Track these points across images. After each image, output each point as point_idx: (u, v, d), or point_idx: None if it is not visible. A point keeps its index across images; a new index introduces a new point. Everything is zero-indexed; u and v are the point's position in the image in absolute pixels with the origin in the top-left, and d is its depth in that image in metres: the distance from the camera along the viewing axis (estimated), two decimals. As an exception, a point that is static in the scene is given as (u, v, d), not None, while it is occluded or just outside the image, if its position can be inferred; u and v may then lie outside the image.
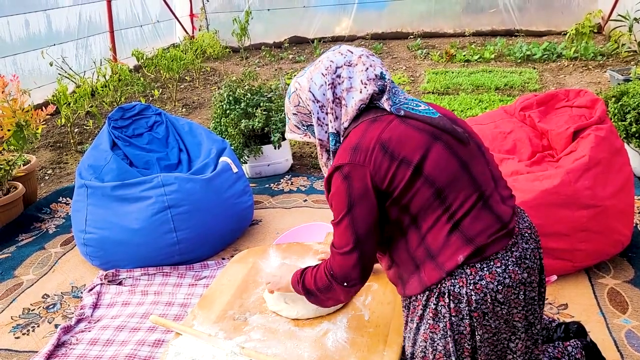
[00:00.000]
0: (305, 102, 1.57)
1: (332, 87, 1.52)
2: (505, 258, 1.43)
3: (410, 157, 1.41)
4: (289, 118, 1.68)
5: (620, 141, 2.71)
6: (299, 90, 1.59)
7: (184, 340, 1.87)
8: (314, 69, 1.57)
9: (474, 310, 1.41)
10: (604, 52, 6.80)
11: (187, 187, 3.01)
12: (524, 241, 1.49)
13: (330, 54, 1.57)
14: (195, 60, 7.51)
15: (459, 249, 1.41)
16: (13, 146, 3.76)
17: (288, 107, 1.66)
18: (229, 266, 2.32)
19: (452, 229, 1.42)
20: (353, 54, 1.55)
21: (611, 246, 2.59)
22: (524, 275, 1.45)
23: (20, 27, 6.18)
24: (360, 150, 1.43)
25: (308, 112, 1.59)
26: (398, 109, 1.47)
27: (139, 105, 3.75)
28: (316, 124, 1.57)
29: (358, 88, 1.50)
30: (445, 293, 1.43)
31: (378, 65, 1.54)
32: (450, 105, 5.43)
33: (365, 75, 1.50)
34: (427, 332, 1.49)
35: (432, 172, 1.41)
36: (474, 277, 1.41)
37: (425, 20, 9.23)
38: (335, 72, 1.52)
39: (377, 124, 1.46)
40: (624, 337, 2.21)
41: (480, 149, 1.53)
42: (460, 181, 1.43)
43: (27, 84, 5.53)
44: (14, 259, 3.30)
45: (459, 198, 1.42)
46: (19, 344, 2.55)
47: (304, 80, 1.57)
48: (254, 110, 4.03)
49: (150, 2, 8.77)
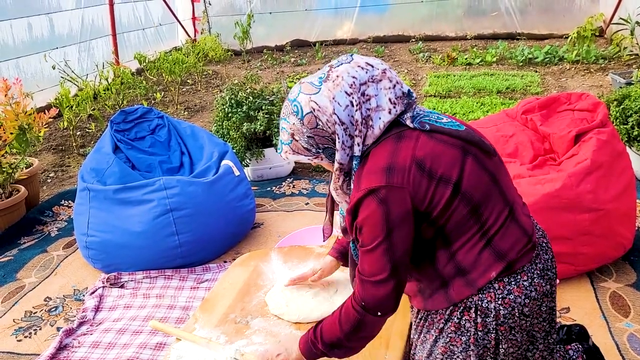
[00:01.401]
0: (327, 124, 1.38)
1: (359, 108, 1.36)
2: (530, 271, 1.41)
3: (448, 174, 1.32)
4: (296, 139, 1.44)
5: (622, 144, 2.71)
6: (317, 111, 1.38)
7: (186, 343, 1.87)
8: (333, 86, 1.37)
9: (501, 325, 1.39)
10: (605, 56, 6.80)
11: (189, 190, 3.01)
12: (544, 252, 1.47)
13: (348, 68, 1.39)
14: (197, 63, 7.52)
15: (491, 265, 1.37)
16: (16, 149, 3.77)
17: (298, 128, 1.42)
18: (231, 269, 2.32)
19: (485, 246, 1.37)
20: (374, 67, 1.39)
21: (613, 249, 2.59)
22: (547, 287, 1.43)
23: (23, 31, 6.21)
24: (396, 170, 1.32)
25: (328, 135, 1.40)
26: (422, 123, 1.37)
27: (141, 109, 3.76)
28: (340, 147, 1.39)
29: (386, 108, 1.36)
30: (471, 307, 1.40)
31: (402, 82, 1.42)
32: (452, 108, 5.43)
33: (393, 93, 1.37)
34: (447, 345, 1.47)
35: (468, 188, 1.34)
36: (502, 291, 1.38)
37: (426, 23, 9.24)
38: (360, 90, 1.36)
39: (406, 142, 1.35)
40: (626, 341, 2.21)
41: (501, 160, 1.48)
42: (493, 196, 1.37)
43: (29, 87, 5.55)
44: (16, 262, 3.31)
45: (493, 214, 1.37)
46: (21, 346, 2.55)
47: (324, 99, 1.37)
48: (256, 114, 4.03)
49: (153, 5, 8.80)
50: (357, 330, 1.42)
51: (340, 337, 1.44)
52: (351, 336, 1.43)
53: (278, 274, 2.20)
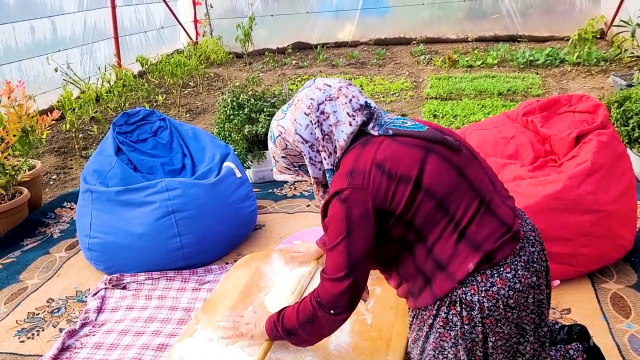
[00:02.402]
0: (294, 144, 1.56)
1: (319, 125, 1.51)
2: (514, 263, 1.43)
3: (407, 173, 1.40)
4: (277, 161, 1.66)
5: (622, 146, 2.71)
6: (284, 134, 1.56)
7: (187, 344, 1.88)
8: (294, 109, 1.55)
9: (487, 317, 1.42)
10: (606, 58, 6.81)
11: (191, 192, 3.02)
12: (530, 244, 1.50)
13: (307, 91, 1.55)
14: (199, 66, 7.55)
15: (467, 257, 1.41)
16: (18, 151, 3.79)
17: (274, 150, 1.63)
18: (233, 271, 2.34)
19: (459, 238, 1.42)
20: (331, 87, 1.54)
21: (614, 251, 2.60)
22: (533, 279, 1.45)
23: (25, 34, 6.23)
24: (357, 173, 1.42)
25: (298, 154, 1.58)
26: (386, 130, 1.47)
27: (143, 111, 3.78)
28: (309, 163, 1.56)
29: (346, 121, 1.49)
30: (456, 301, 1.43)
31: (360, 95, 1.53)
32: (453, 110, 5.44)
33: (350, 107, 1.50)
34: (437, 340, 1.49)
35: (431, 184, 1.40)
36: (485, 283, 1.41)
37: (428, 25, 9.27)
38: (318, 109, 1.51)
39: (369, 147, 1.46)
40: (627, 342, 2.21)
41: (473, 154, 1.54)
42: (459, 189, 1.43)
43: (32, 89, 5.57)
44: (19, 264, 3.32)
45: (461, 206, 1.42)
46: (24, 347, 2.57)
47: (287, 122, 1.55)
48: (258, 116, 4.05)
49: (155, 8, 8.83)
50: (309, 323, 1.53)
51: (295, 325, 1.57)
52: (304, 328, 1.54)
53: (279, 275, 2.21)
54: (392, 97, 6.34)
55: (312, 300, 1.52)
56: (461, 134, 3.20)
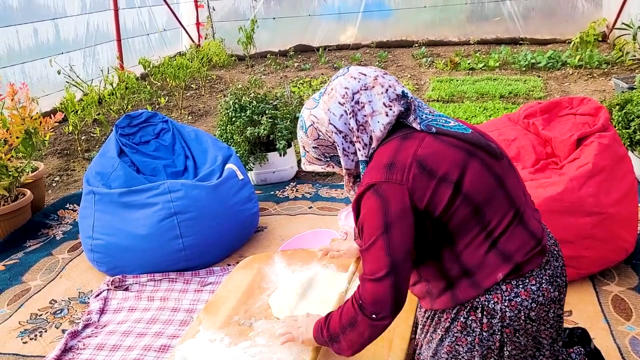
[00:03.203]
0: (326, 134, 1.50)
1: (354, 115, 1.44)
2: (539, 276, 1.42)
3: (449, 174, 1.35)
4: (307, 151, 1.59)
5: (623, 149, 2.72)
6: (316, 124, 1.51)
7: (190, 345, 1.88)
8: (328, 98, 1.48)
9: (506, 327, 1.40)
10: (608, 60, 6.82)
11: (193, 193, 3.03)
12: (554, 259, 1.49)
13: (342, 80, 1.48)
14: (201, 68, 7.57)
15: (497, 267, 1.38)
16: (21, 153, 3.80)
17: (305, 140, 1.57)
18: (235, 272, 2.34)
19: (490, 247, 1.38)
20: (367, 76, 1.47)
21: (615, 253, 2.60)
22: (555, 293, 1.44)
23: (29, 36, 6.26)
24: (396, 167, 1.35)
25: (331, 144, 1.52)
26: (429, 126, 1.41)
27: (146, 113, 3.79)
28: (342, 154, 1.49)
29: (382, 111, 1.42)
30: (477, 308, 1.41)
31: (397, 84, 1.46)
32: (455, 112, 5.45)
33: (386, 97, 1.43)
34: (452, 344, 1.48)
35: (470, 189, 1.36)
36: (509, 293, 1.39)
37: (430, 28, 9.28)
38: (353, 99, 1.44)
39: (410, 141, 1.39)
40: (628, 344, 2.22)
41: (511, 164, 1.50)
42: (497, 198, 1.39)
43: (35, 91, 5.59)
44: (21, 265, 3.33)
45: (497, 216, 1.38)
46: (27, 348, 2.58)
47: (321, 112, 1.49)
48: (260, 118, 4.06)
49: (157, 11, 8.86)
50: (350, 327, 1.43)
51: (337, 330, 1.47)
52: (345, 332, 1.45)
53: (281, 276, 2.22)
54: (394, 99, 6.34)
55: (354, 303, 1.43)
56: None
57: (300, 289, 2.04)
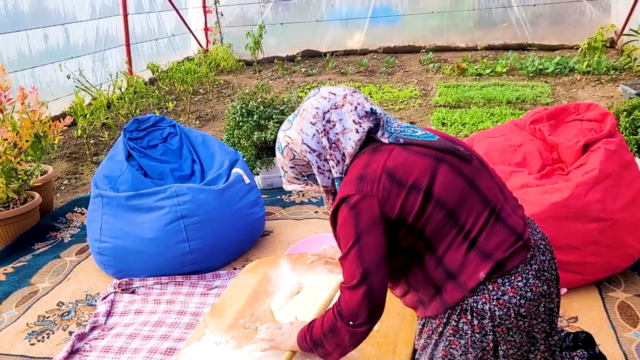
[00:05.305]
0: (301, 154, 1.55)
1: (326, 134, 1.50)
2: (525, 272, 1.43)
3: (419, 182, 1.40)
4: (286, 171, 1.65)
5: (630, 155, 2.71)
6: (291, 144, 1.56)
7: (195, 348, 1.90)
8: (300, 119, 1.54)
9: (498, 326, 1.41)
10: (616, 67, 6.80)
11: (200, 197, 3.05)
12: (541, 253, 1.50)
13: (313, 100, 1.55)
14: (209, 73, 7.61)
15: (478, 266, 1.41)
16: (31, 157, 3.84)
17: (283, 161, 1.63)
18: (241, 276, 2.36)
19: (469, 248, 1.41)
20: (336, 95, 1.53)
21: (622, 260, 2.59)
22: (544, 287, 1.45)
23: (39, 41, 6.32)
24: (366, 180, 1.41)
25: (306, 163, 1.58)
26: (397, 138, 1.47)
27: (154, 117, 3.82)
28: (317, 172, 1.55)
29: (352, 128, 1.49)
30: (467, 310, 1.43)
31: (366, 102, 1.53)
32: (462, 118, 5.45)
33: (355, 114, 1.50)
34: (446, 348, 1.49)
35: (441, 194, 1.40)
36: (497, 292, 1.41)
37: (437, 34, 9.29)
38: (324, 118, 1.51)
39: (379, 154, 1.45)
40: (634, 351, 2.20)
41: (483, 164, 1.54)
42: (469, 199, 1.42)
43: (45, 96, 5.65)
44: (30, 267, 3.36)
45: (471, 216, 1.42)
46: (34, 350, 2.60)
47: (294, 132, 1.55)
48: (267, 123, 4.08)
49: (166, 16, 8.92)
50: (331, 333, 1.49)
51: (320, 336, 1.53)
52: (327, 338, 1.51)
53: (287, 280, 2.23)
54: (401, 105, 6.36)
55: (334, 310, 1.49)
56: (469, 141, 3.22)
57: (289, 294, 2.07)
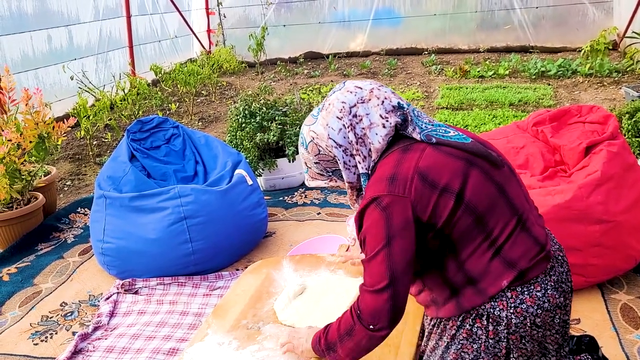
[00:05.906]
0: (327, 149, 1.52)
1: (352, 129, 1.46)
2: (544, 282, 1.43)
3: (451, 185, 1.36)
4: (309, 167, 1.62)
5: (633, 157, 2.71)
6: (316, 139, 1.53)
7: (198, 348, 1.90)
8: (326, 113, 1.51)
9: (512, 333, 1.41)
10: (619, 69, 6.79)
11: (203, 198, 3.06)
12: (559, 264, 1.49)
13: (339, 94, 1.51)
14: (211, 74, 7.63)
15: (502, 274, 1.39)
16: (34, 157, 3.85)
17: (307, 157, 1.60)
18: (243, 277, 2.36)
19: (494, 255, 1.39)
20: (363, 89, 1.50)
21: (624, 262, 2.59)
22: (560, 299, 1.45)
23: (43, 42, 6.35)
24: (398, 180, 1.37)
25: (331, 159, 1.54)
26: (429, 137, 1.42)
27: (157, 119, 3.83)
28: (343, 168, 1.52)
29: (379, 123, 1.45)
30: (483, 315, 1.42)
31: (393, 96, 1.49)
32: (464, 120, 5.45)
33: (382, 108, 1.46)
34: (458, 352, 1.48)
35: (472, 199, 1.37)
36: (515, 300, 1.40)
37: (439, 36, 9.29)
38: (351, 112, 1.47)
39: (411, 153, 1.40)
40: (636, 353, 2.21)
41: (513, 171, 1.51)
42: (499, 206, 1.40)
43: (48, 97, 5.66)
44: (33, 268, 3.37)
45: (499, 224, 1.39)
46: (38, 350, 2.61)
47: (319, 127, 1.51)
48: (269, 124, 4.09)
49: (169, 18, 8.95)
50: (348, 336, 1.44)
51: (335, 339, 1.48)
52: (342, 341, 1.46)
53: (289, 281, 2.23)
54: (403, 106, 6.35)
55: (352, 313, 1.45)
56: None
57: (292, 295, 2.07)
